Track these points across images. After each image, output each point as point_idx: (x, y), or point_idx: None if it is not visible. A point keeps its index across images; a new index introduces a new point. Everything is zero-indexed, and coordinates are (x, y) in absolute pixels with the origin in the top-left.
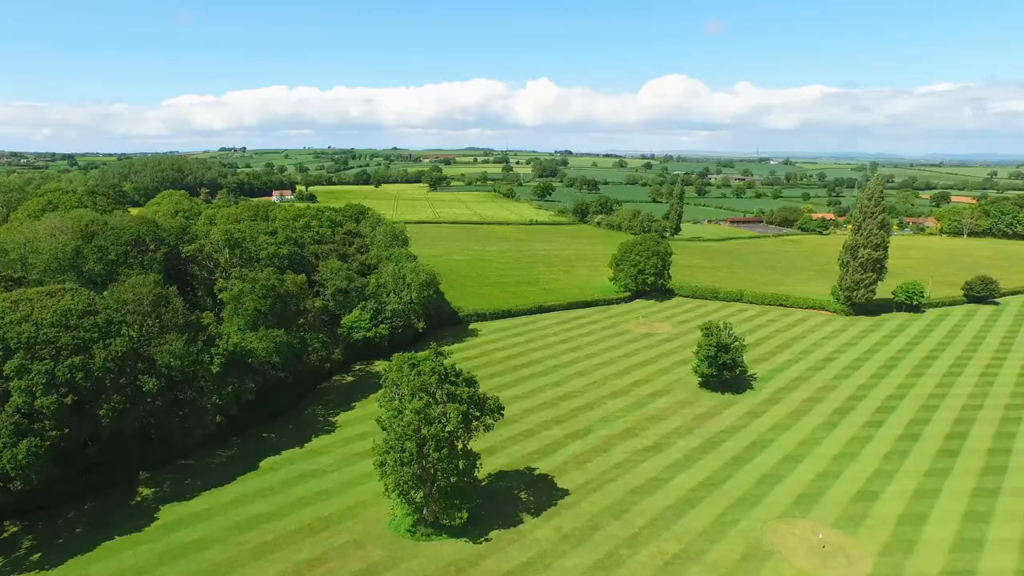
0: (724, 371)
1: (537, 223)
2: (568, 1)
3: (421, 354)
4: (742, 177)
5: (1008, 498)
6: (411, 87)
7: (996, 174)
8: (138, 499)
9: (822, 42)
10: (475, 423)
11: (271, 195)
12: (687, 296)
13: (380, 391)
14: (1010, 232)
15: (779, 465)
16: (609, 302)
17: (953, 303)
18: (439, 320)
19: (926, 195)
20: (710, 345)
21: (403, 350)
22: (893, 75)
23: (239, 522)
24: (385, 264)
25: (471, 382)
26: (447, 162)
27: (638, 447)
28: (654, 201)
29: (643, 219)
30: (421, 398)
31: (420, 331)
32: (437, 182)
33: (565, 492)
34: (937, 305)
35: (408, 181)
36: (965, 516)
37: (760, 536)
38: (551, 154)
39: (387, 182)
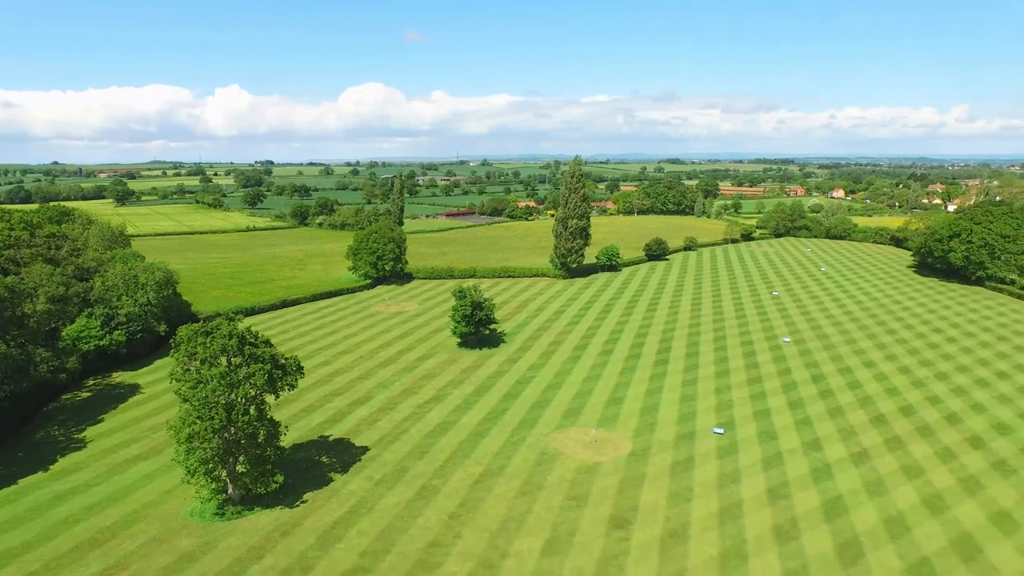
0: (481, 327)
1: (256, 229)
2: (251, 4)
3: (212, 323)
4: (447, 178)
5: (703, 382)
6: (69, 91)
7: (645, 168)
8: None
9: (508, 54)
10: (280, 383)
11: None
12: (425, 278)
13: (169, 362)
14: (664, 209)
15: (544, 393)
16: (353, 290)
17: (640, 262)
18: (181, 322)
19: (602, 185)
20: (465, 305)
21: (145, 356)
22: (566, 86)
23: None
24: (111, 265)
25: (269, 343)
26: (131, 176)
27: (420, 401)
28: (369, 203)
29: (368, 215)
30: (220, 363)
31: (163, 334)
32: (125, 197)
33: (365, 448)
34: (629, 264)
35: (86, 198)
36: (681, 399)
37: (545, 445)
38: (251, 165)
39: (56, 199)
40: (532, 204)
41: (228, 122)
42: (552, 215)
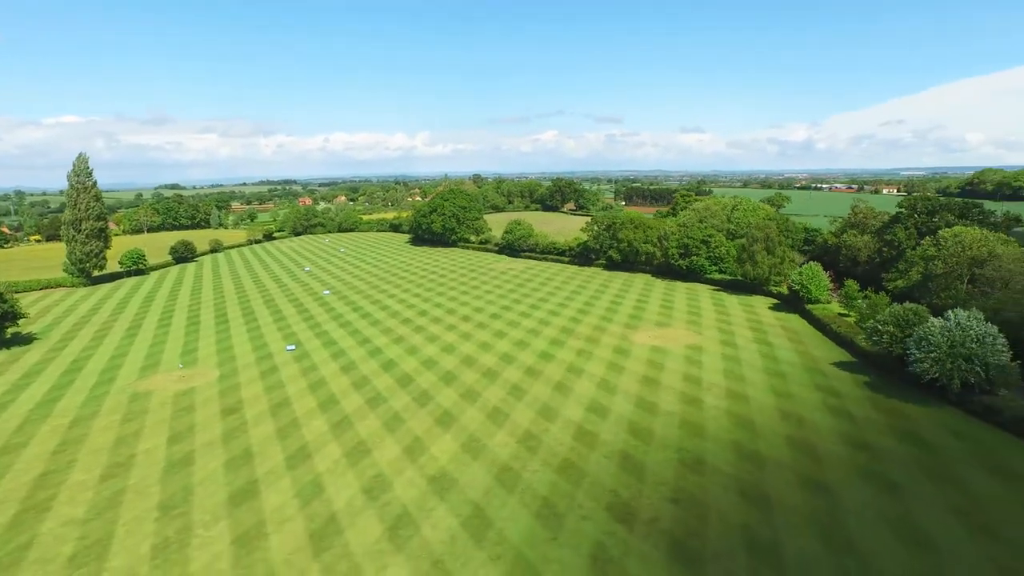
0: (5, 323)
1: None
2: None
3: None
4: None
5: (265, 327)
6: None
7: (142, 195)
8: None
9: None
10: None
11: None
12: None
13: None
14: (178, 224)
15: (110, 362)
16: None
17: (168, 265)
18: None
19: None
20: None
21: None
22: (21, 103)
23: None
24: None
25: None
26: None
27: None
28: None
29: None
30: None
31: None
32: None
33: None
34: (157, 268)
35: None
36: (250, 339)
37: (134, 389)
38: None
39: None
40: (6, 230)
41: None
42: (37, 240)
